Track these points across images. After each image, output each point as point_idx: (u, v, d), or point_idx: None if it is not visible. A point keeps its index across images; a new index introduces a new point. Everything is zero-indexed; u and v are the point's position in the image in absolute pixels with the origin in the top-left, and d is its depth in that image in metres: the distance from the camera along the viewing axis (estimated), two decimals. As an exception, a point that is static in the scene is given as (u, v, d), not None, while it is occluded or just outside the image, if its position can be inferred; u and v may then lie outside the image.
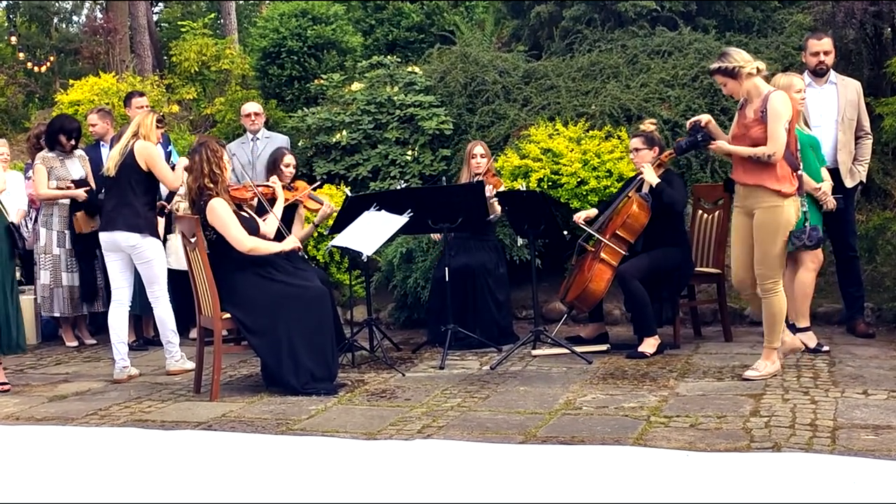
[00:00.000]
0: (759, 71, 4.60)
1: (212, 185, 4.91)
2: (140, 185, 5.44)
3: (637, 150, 5.68)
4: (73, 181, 6.50)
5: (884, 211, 6.78)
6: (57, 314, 6.67)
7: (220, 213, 4.86)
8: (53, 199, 6.52)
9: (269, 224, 5.25)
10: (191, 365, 5.44)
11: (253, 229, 5.00)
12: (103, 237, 5.54)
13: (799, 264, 5.25)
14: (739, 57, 4.60)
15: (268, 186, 5.63)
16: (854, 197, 5.82)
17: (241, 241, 4.85)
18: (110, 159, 5.54)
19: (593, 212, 5.87)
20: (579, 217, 5.78)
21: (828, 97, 5.60)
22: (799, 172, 4.65)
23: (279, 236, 5.17)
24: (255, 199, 5.30)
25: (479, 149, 6.28)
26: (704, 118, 4.78)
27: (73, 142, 6.60)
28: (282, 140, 7.35)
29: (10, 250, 5.39)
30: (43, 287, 6.61)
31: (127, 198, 5.42)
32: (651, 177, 5.50)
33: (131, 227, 5.41)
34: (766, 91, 4.58)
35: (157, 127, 5.58)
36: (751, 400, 4.30)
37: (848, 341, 5.59)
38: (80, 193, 6.45)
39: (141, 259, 5.46)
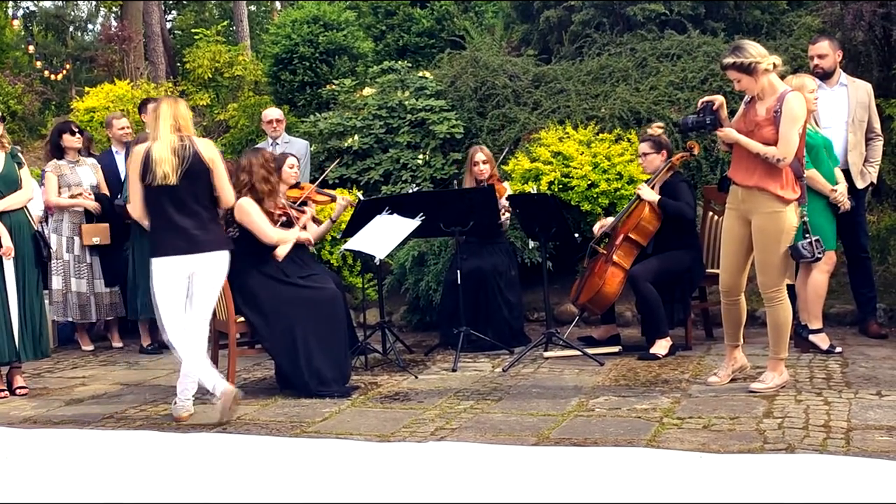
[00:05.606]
0: (775, 67, 4.29)
1: (263, 191, 4.97)
2: (209, 190, 4.51)
3: (645, 154, 5.70)
4: (86, 187, 6.56)
5: (895, 212, 6.77)
6: (70, 319, 6.72)
7: (249, 210, 4.94)
8: (66, 207, 6.57)
9: (290, 235, 5.16)
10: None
11: None
12: (186, 261, 4.42)
13: (812, 266, 5.24)
14: (755, 51, 4.26)
15: (302, 211, 5.56)
16: (865, 198, 5.82)
17: (268, 233, 4.94)
18: (165, 163, 4.35)
19: (609, 220, 5.87)
20: (599, 228, 5.76)
21: (838, 99, 5.59)
22: (802, 181, 4.42)
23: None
24: (284, 217, 5.33)
25: (480, 155, 6.22)
26: (718, 99, 4.41)
27: (76, 136, 6.60)
28: (301, 145, 7.41)
29: (36, 257, 5.39)
30: (56, 292, 6.64)
31: (205, 209, 4.49)
32: (650, 195, 5.49)
33: (223, 245, 4.54)
34: (781, 90, 4.30)
35: None
36: (764, 401, 4.30)
37: (860, 342, 5.59)
38: (93, 203, 6.51)
39: (217, 279, 4.55)
